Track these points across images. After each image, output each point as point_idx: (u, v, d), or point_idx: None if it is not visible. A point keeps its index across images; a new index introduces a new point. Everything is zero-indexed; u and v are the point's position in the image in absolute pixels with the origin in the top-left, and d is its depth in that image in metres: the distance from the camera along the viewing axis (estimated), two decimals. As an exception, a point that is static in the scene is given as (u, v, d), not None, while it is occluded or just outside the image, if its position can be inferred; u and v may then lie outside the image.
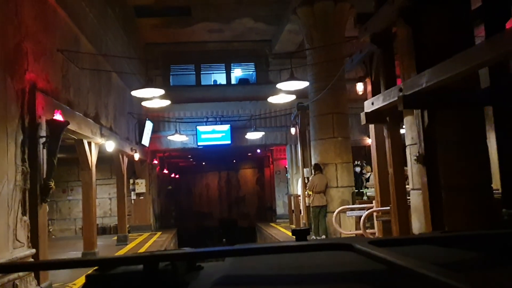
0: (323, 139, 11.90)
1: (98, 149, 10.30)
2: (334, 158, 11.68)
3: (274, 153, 20.40)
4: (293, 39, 16.45)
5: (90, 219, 9.77)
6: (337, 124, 11.86)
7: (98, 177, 17.69)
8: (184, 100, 17.22)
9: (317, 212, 11.21)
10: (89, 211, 9.76)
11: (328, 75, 11.61)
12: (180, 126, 16.21)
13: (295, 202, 15.31)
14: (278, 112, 16.87)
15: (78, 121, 8.37)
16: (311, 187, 11.34)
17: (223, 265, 1.34)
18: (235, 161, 28.63)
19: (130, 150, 13.49)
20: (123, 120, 13.18)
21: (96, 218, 10.13)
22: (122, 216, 13.39)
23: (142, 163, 17.01)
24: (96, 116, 10.00)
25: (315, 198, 11.21)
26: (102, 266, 1.17)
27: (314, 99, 12.08)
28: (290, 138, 17.64)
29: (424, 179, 5.83)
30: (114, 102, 11.88)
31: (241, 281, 1.15)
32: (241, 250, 1.20)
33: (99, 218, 17.37)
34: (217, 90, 17.92)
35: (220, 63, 18.61)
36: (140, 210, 17.10)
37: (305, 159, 14.05)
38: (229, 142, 17.27)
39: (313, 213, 11.29)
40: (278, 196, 19.99)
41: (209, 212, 29.96)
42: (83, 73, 9.07)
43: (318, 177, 11.33)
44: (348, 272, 1.15)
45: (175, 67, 18.49)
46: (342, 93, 12.12)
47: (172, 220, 24.15)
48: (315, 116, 12.17)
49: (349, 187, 11.77)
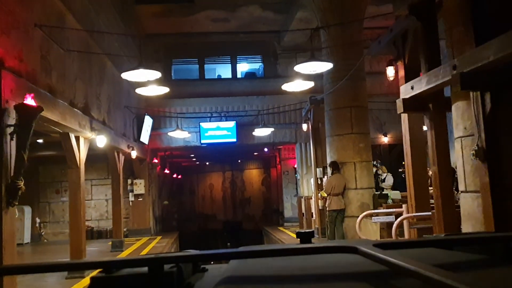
0: (340, 135, 10.69)
1: (88, 144, 9.14)
2: (353, 156, 10.46)
3: (282, 152, 19.19)
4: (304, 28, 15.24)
5: (77, 224, 8.60)
6: (355, 119, 10.64)
7: (94, 177, 16.70)
8: (186, 95, 16.07)
9: (334, 216, 10.00)
10: (77, 215, 8.59)
11: (346, 65, 10.42)
12: (182, 122, 15.02)
13: (306, 204, 14.10)
14: (288, 107, 15.67)
15: (61, 111, 7.20)
16: (328, 188, 10.12)
17: (228, 267, 1.32)
18: (240, 161, 27.50)
19: (126, 147, 12.32)
20: (119, 114, 12.02)
21: (84, 223, 8.95)
22: (117, 219, 12.21)
23: (141, 162, 15.85)
24: (86, 107, 8.83)
25: (333, 201, 9.99)
26: (106, 268, 1.16)
27: (330, 91, 10.87)
28: (300, 136, 16.44)
29: (485, 179, 4.60)
30: (108, 94, 10.72)
31: (245, 282, 1.14)
32: (245, 253, 1.20)
33: (95, 221, 16.32)
34: (222, 85, 16.71)
35: (225, 56, 17.42)
36: (138, 213, 15.93)
37: (318, 158, 12.84)
38: (235, 140, 16.07)
39: (329, 218, 10.07)
40: (286, 198, 18.78)
41: (213, 214, 28.87)
42: (69, 57, 7.90)
43: (336, 177, 10.12)
44: (352, 274, 1.13)
45: (177, 60, 17.32)
46: (361, 84, 10.92)
47: (174, 222, 23.04)
48: (331, 109, 10.96)
49: (369, 189, 10.55)
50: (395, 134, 16.46)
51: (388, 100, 14.30)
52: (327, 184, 10.14)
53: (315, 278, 1.12)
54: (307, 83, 7.87)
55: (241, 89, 16.48)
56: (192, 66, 17.60)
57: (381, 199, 9.85)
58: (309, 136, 16.12)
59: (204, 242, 23.56)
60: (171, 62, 17.05)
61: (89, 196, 16.45)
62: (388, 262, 0.93)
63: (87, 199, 16.43)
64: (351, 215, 10.03)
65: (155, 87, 7.58)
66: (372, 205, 10.40)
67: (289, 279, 1.14)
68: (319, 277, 1.13)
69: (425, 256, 1.26)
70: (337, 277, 1.13)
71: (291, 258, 1.26)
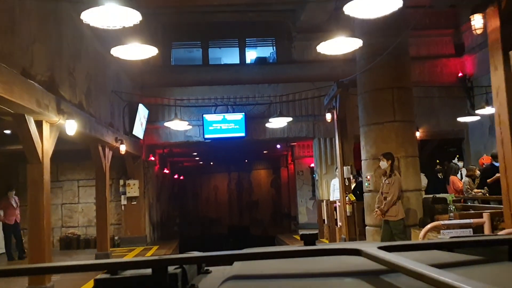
0: (379, 124, 8.49)
1: (57, 132, 7.00)
2: (396, 149, 8.24)
3: (295, 149, 16.95)
4: (324, 5, 13.06)
5: (39, 237, 6.45)
6: (399, 103, 8.45)
7: (82, 177, 14.53)
8: (188, 83, 13.92)
9: (401, 228, 7.51)
10: (38, 224, 6.45)
11: (384, 36, 8.27)
12: (183, 114, 12.84)
13: (329, 210, 11.91)
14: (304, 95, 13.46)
15: (5, 80, 5.06)
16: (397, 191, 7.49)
17: (232, 268, 1.32)
18: (248, 161, 25.35)
19: (114, 140, 10.16)
20: (104, 99, 9.87)
21: (49, 235, 6.78)
22: (102, 227, 10.05)
23: (135, 160, 13.69)
24: (51, 82, 6.69)
25: (398, 207, 7.55)
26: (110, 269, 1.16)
27: (365, 69, 8.69)
28: (318, 130, 14.25)
29: None
30: (88, 71, 8.57)
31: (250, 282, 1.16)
32: (249, 254, 1.22)
33: (82, 227, 14.19)
34: (229, 71, 14.48)
35: (232, 39, 15.22)
36: (132, 218, 13.75)
37: (346, 154, 10.64)
38: (243, 135, 13.89)
39: (396, 230, 7.46)
40: (300, 202, 16.51)
41: (218, 218, 26.81)
42: (22, 9, 5.75)
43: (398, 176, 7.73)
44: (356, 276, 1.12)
45: (178, 43, 15.15)
46: (405, 59, 8.74)
47: (175, 227, 20.88)
48: (367, 92, 8.78)
49: (416, 191, 8.36)
50: (428, 128, 14.28)
51: (420, 90, 12.20)
52: (395, 184, 7.53)
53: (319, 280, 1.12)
54: (353, 42, 5.63)
55: (251, 76, 14.29)
56: (194, 50, 15.44)
57: (438, 204, 7.60)
58: (329, 130, 13.96)
59: (208, 249, 21.30)
60: (170, 45, 14.89)
61: (75, 199, 14.32)
62: (392, 264, 0.93)
63: (73, 203, 14.32)
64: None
65: (137, 46, 5.38)
66: (421, 212, 8.20)
67: (293, 280, 1.14)
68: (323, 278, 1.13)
69: (430, 258, 1.22)
70: (341, 279, 1.12)
71: (295, 260, 1.24)
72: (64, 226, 14.21)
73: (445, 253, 1.33)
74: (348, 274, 1.14)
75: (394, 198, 7.36)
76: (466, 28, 14.42)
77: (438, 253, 1.33)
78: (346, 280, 1.11)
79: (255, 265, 1.26)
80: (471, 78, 14.07)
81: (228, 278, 1.15)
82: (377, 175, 8.34)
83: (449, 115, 13.99)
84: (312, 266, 1.22)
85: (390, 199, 7.38)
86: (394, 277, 1.02)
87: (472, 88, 14.03)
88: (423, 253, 1.28)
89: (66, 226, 14.18)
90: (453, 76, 14.41)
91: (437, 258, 1.25)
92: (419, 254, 1.22)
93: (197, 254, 1.22)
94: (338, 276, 1.14)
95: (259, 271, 1.22)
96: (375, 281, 1.06)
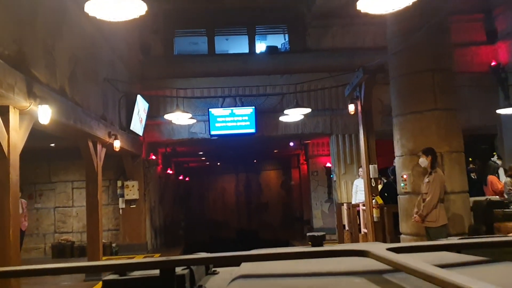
0: (416, 113, 7.14)
1: (31, 122, 5.74)
2: (438, 144, 6.89)
3: (309, 148, 15.61)
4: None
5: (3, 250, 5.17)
6: (440, 88, 7.10)
7: (76, 178, 13.27)
8: (192, 74, 12.62)
9: (443, 237, 6.15)
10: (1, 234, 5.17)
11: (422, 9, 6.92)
12: (186, 107, 11.52)
13: (351, 214, 10.56)
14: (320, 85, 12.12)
15: None
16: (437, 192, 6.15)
17: (239, 269, 1.31)
18: (256, 161, 24.05)
19: (107, 135, 8.88)
20: (94, 87, 8.59)
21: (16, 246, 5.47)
22: (94, 235, 8.76)
23: (134, 159, 12.42)
24: (20, 58, 5.42)
25: (439, 211, 6.17)
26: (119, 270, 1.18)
27: (398, 49, 7.35)
28: (336, 125, 12.91)
29: None
30: (73, 52, 7.29)
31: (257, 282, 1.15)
32: (257, 256, 1.21)
33: (77, 233, 12.95)
34: (237, 61, 13.14)
35: (240, 26, 13.91)
36: (131, 223, 12.47)
37: (372, 150, 9.30)
38: (253, 131, 12.57)
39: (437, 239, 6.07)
40: (315, 205, 15.16)
41: (225, 221, 25.53)
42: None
43: (441, 173, 6.38)
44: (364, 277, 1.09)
45: (181, 31, 13.86)
46: (446, 37, 7.39)
47: (180, 231, 19.60)
48: (401, 76, 7.43)
49: (462, 193, 6.99)
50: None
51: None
52: (435, 183, 6.18)
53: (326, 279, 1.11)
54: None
55: (261, 67, 12.96)
56: (199, 38, 14.16)
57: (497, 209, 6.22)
58: (347, 126, 12.65)
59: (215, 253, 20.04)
60: (173, 33, 13.60)
61: (69, 203, 13.07)
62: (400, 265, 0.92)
63: (67, 206, 13.08)
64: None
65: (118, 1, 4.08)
66: (468, 217, 6.83)
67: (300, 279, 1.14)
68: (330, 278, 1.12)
69: (439, 259, 1.19)
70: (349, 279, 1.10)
71: (303, 261, 1.25)
72: (57, 231, 12.98)
73: (455, 254, 1.32)
74: (355, 275, 1.12)
75: (434, 200, 6.01)
76: (499, 12, 13.04)
77: (447, 254, 1.32)
78: (354, 281, 1.08)
79: (262, 266, 1.25)
80: (505, 67, 12.65)
81: (237, 277, 1.16)
82: (416, 174, 7.00)
83: (480, 109, 12.57)
84: (320, 267, 1.21)
85: (429, 200, 6.02)
86: (402, 278, 0.99)
87: (506, 79, 12.62)
88: (432, 254, 1.26)
89: (59, 232, 12.95)
90: (484, 65, 12.99)
91: (446, 260, 1.23)
92: (428, 256, 1.22)
93: (204, 255, 1.22)
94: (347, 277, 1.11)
95: (267, 272, 1.21)
96: (383, 282, 1.04)
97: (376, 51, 9.81)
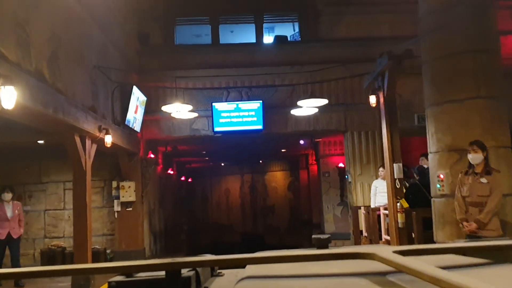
0: (455, 102, 6.07)
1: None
2: (481, 138, 5.77)
3: (320, 147, 14.54)
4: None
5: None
6: (483, 73, 6.04)
7: (69, 179, 12.13)
8: (194, 65, 11.56)
9: None
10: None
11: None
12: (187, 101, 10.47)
13: (370, 219, 9.49)
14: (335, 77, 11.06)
15: None
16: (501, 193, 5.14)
17: (245, 271, 1.30)
18: (262, 161, 23.03)
19: (97, 129, 7.86)
20: (82, 75, 7.56)
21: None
22: (81, 242, 7.70)
23: (131, 158, 11.40)
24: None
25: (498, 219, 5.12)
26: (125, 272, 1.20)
27: (433, 28, 6.29)
28: (351, 122, 11.84)
29: None
30: (55, 33, 6.27)
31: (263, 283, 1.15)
32: (262, 258, 1.21)
33: (68, 238, 11.92)
34: (243, 51, 12.07)
35: (246, 14, 12.87)
36: (127, 228, 11.42)
37: (395, 148, 8.23)
38: (261, 127, 11.52)
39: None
40: (327, 208, 14.09)
41: (229, 225, 24.54)
42: None
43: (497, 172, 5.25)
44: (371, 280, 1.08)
45: (182, 19, 12.83)
46: (490, 13, 6.33)
47: (182, 235, 18.60)
48: (436, 59, 6.36)
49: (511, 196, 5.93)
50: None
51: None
52: (497, 184, 5.12)
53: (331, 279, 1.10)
54: None
55: (269, 58, 11.90)
56: (202, 30, 13.14)
57: None
58: (364, 122, 11.58)
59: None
60: (174, 21, 12.58)
61: (61, 205, 12.05)
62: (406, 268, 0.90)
63: (59, 209, 12.06)
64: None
65: None
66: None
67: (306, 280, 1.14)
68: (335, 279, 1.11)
69: (446, 262, 1.18)
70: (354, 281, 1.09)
71: (308, 263, 1.23)
72: (47, 236, 11.97)
73: (460, 256, 1.31)
74: (360, 277, 1.10)
75: (499, 205, 4.96)
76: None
77: (453, 257, 1.30)
78: (359, 282, 1.07)
79: (267, 268, 1.24)
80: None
81: (243, 279, 1.17)
82: (455, 174, 5.93)
83: None
84: (325, 269, 1.20)
85: (494, 205, 4.96)
86: (408, 280, 0.98)
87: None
88: (437, 257, 1.25)
89: (49, 237, 11.93)
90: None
91: (451, 262, 1.22)
92: (434, 258, 1.19)
93: (210, 257, 1.26)
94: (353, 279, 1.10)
95: (272, 274, 1.21)
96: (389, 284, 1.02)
97: (395, 40, 8.78)
